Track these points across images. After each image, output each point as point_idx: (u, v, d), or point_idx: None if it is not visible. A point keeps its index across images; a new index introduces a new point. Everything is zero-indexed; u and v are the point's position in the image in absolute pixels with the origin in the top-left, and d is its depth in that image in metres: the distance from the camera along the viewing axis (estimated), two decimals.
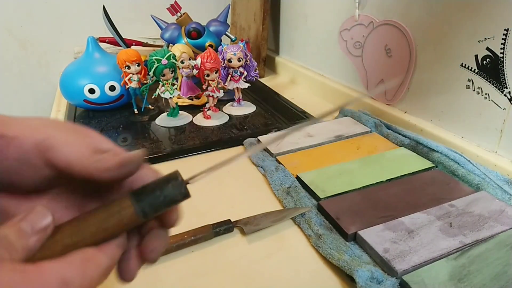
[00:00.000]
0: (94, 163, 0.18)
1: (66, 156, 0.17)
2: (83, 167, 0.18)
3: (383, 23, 0.60)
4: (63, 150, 0.17)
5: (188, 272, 0.35)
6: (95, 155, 0.18)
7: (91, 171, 0.18)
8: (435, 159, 0.48)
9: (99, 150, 0.18)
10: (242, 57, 0.65)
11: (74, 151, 0.18)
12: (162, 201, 0.18)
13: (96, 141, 0.19)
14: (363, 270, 0.32)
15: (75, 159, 0.17)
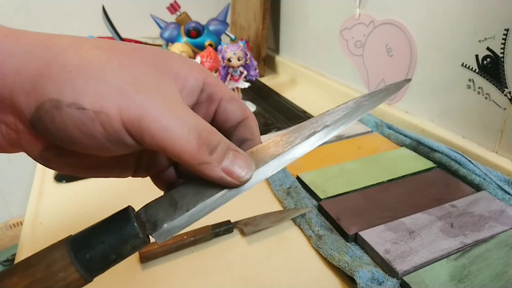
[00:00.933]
0: (199, 166, 0.16)
1: (167, 145, 0.15)
2: (185, 162, 0.15)
3: (384, 22, 0.60)
4: (163, 137, 0.15)
5: (187, 273, 0.35)
6: (203, 152, 0.15)
7: (192, 168, 0.16)
8: (436, 159, 0.48)
9: (207, 142, 0.16)
10: (242, 57, 0.64)
11: (177, 141, 0.15)
12: (114, 260, 0.16)
13: (201, 122, 0.16)
14: (364, 271, 0.32)
15: (178, 152, 0.15)
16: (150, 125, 0.14)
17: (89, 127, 0.14)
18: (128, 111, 0.14)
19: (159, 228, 0.16)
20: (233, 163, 0.16)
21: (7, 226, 1.19)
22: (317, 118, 0.20)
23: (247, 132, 0.20)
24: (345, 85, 0.73)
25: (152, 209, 0.17)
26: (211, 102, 0.19)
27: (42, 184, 0.51)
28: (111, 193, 0.48)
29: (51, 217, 0.44)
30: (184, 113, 0.16)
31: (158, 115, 0.15)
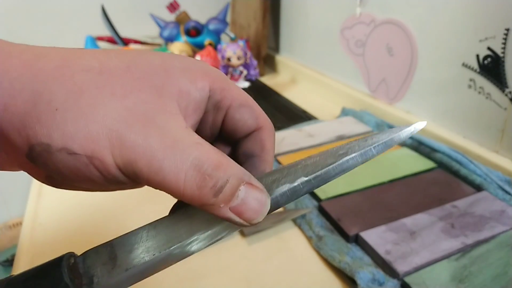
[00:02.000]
0: (203, 207, 0.14)
1: (164, 188, 0.14)
2: (187, 200, 0.14)
3: (385, 21, 0.60)
4: (158, 180, 0.13)
5: (187, 274, 0.35)
6: (205, 195, 0.14)
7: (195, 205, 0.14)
8: (437, 159, 0.48)
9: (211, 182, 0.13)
10: (241, 56, 0.64)
11: (173, 184, 0.13)
12: None
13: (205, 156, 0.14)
14: (365, 272, 0.32)
15: (177, 195, 0.14)
16: (142, 169, 0.13)
17: (84, 171, 0.13)
18: (120, 155, 0.13)
19: (95, 285, 0.14)
20: (245, 202, 0.14)
21: (6, 226, 1.19)
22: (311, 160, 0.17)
23: (256, 146, 0.17)
24: (345, 84, 0.73)
25: (90, 259, 0.15)
26: (218, 111, 0.17)
27: (42, 184, 0.51)
28: (110, 193, 0.48)
29: (50, 217, 0.44)
30: (182, 148, 0.13)
31: (150, 156, 0.13)
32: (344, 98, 0.71)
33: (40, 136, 0.13)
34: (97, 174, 0.13)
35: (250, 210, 0.14)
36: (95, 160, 0.13)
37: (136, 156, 0.13)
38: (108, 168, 0.13)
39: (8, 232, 1.18)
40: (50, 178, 0.15)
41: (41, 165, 0.13)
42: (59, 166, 0.13)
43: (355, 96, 0.69)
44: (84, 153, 0.13)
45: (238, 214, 0.14)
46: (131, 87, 0.14)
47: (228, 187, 0.14)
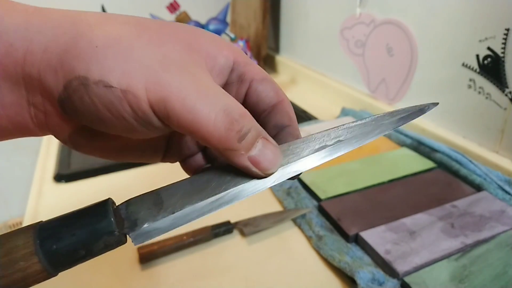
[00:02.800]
0: (226, 152, 0.15)
1: (193, 128, 0.14)
2: (212, 146, 0.14)
3: (385, 21, 0.60)
4: (189, 119, 0.14)
5: (187, 274, 0.35)
6: (231, 138, 0.14)
7: (218, 152, 0.15)
8: (437, 159, 0.48)
9: (237, 127, 0.14)
10: None
11: (204, 124, 0.14)
12: (83, 257, 0.14)
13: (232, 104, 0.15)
14: (364, 272, 0.32)
15: (204, 135, 0.14)
16: (175, 106, 0.14)
17: (117, 106, 0.14)
18: (155, 91, 0.14)
19: (138, 228, 0.14)
20: (262, 153, 0.15)
21: (6, 226, 1.19)
22: (330, 131, 0.18)
23: (285, 118, 0.18)
24: (345, 84, 0.73)
25: (134, 206, 0.15)
26: (241, 83, 0.18)
27: (42, 184, 0.51)
28: (110, 193, 0.48)
29: (50, 217, 0.44)
30: (213, 93, 0.14)
31: (185, 95, 0.14)
32: (344, 98, 0.71)
33: (78, 70, 0.13)
34: (129, 110, 0.14)
35: (266, 160, 0.15)
36: (129, 95, 0.14)
37: (171, 94, 0.14)
38: (141, 104, 0.14)
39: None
40: (75, 134, 0.16)
41: (75, 103, 0.14)
42: (94, 100, 0.14)
43: (355, 96, 0.69)
44: (120, 87, 0.13)
45: (255, 164, 0.15)
46: (166, 39, 0.15)
47: (250, 136, 0.15)
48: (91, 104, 0.14)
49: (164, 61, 0.14)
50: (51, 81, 0.14)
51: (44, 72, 0.14)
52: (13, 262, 0.13)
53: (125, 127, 0.15)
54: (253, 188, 0.16)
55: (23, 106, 0.15)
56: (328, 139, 0.17)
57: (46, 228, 0.14)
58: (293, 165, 0.17)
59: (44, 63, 0.14)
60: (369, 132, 0.18)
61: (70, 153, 0.57)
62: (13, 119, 0.15)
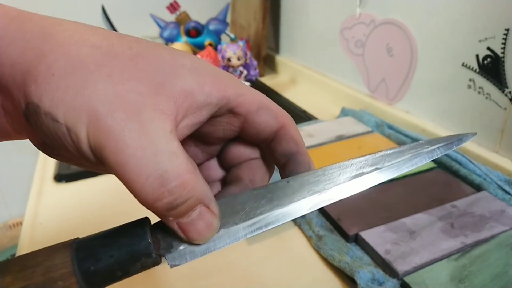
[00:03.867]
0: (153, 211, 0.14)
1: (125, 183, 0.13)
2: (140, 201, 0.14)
3: (384, 21, 0.60)
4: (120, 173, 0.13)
5: (187, 274, 0.35)
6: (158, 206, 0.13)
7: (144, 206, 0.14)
8: (437, 159, 0.48)
9: (171, 198, 0.13)
10: (241, 56, 0.64)
11: (132, 183, 0.13)
12: (120, 277, 0.14)
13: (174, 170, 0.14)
14: (364, 272, 0.32)
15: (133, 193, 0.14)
16: (109, 157, 0.13)
17: (63, 140, 0.14)
18: (93, 136, 0.13)
19: (174, 249, 0.14)
20: (193, 222, 0.14)
21: (6, 226, 1.19)
22: (367, 158, 0.17)
23: (290, 144, 0.17)
24: (345, 84, 0.73)
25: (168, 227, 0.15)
26: (234, 116, 0.17)
27: (42, 184, 0.51)
28: (110, 193, 0.48)
29: (50, 217, 0.44)
30: (155, 153, 0.13)
31: (121, 146, 0.13)
32: (344, 98, 0.71)
33: (33, 96, 0.13)
34: (72, 146, 0.14)
35: (195, 231, 0.14)
36: (72, 133, 0.13)
37: (107, 142, 0.13)
38: (81, 144, 0.13)
39: (8, 232, 1.18)
40: (43, 143, 0.16)
41: (33, 124, 0.14)
42: (44, 129, 0.14)
43: (355, 96, 0.69)
44: (65, 123, 0.13)
45: (183, 231, 0.14)
46: (130, 75, 0.14)
47: (184, 206, 0.14)
48: (42, 130, 0.14)
49: (114, 103, 0.13)
50: (16, 96, 0.14)
51: (11, 86, 0.14)
52: (52, 282, 0.13)
53: (73, 158, 0.15)
54: (289, 214, 0.15)
55: (1, 112, 0.15)
56: (366, 166, 0.17)
57: (84, 248, 0.14)
58: (328, 192, 0.16)
59: (11, 78, 0.14)
60: (407, 161, 0.17)
61: None
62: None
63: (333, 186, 0.16)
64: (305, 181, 0.16)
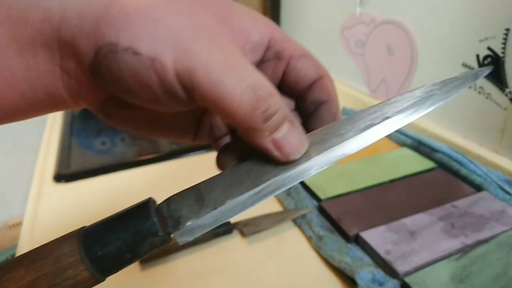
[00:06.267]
0: (248, 131, 0.14)
1: (217, 103, 0.13)
2: (235, 124, 0.14)
3: (385, 21, 0.60)
4: (213, 93, 0.13)
5: (187, 274, 0.35)
6: (256, 117, 0.14)
7: (241, 131, 0.14)
8: (437, 159, 0.48)
9: (264, 106, 0.14)
10: None
11: (228, 99, 0.13)
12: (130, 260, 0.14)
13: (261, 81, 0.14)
14: (365, 272, 0.32)
15: (228, 111, 0.14)
16: (201, 79, 0.13)
17: (144, 75, 0.13)
18: (182, 61, 0.13)
19: (182, 226, 0.14)
20: (286, 137, 0.15)
21: (6, 226, 1.19)
22: (375, 108, 0.16)
23: (323, 93, 0.18)
24: (345, 84, 0.73)
25: (175, 203, 0.15)
26: (279, 61, 0.17)
27: (42, 184, 0.51)
28: (110, 193, 0.48)
29: (50, 217, 0.44)
30: (242, 69, 0.14)
31: (212, 68, 0.13)
32: (344, 98, 0.71)
33: (109, 36, 0.13)
34: (155, 80, 0.14)
35: (290, 145, 0.15)
36: (157, 63, 0.13)
37: (197, 65, 0.13)
38: (167, 74, 0.13)
39: (8, 232, 1.18)
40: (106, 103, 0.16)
41: (104, 70, 0.14)
42: (122, 68, 0.13)
43: (355, 96, 0.69)
44: (148, 54, 0.13)
45: (278, 148, 0.15)
46: (198, 10, 0.15)
47: (276, 117, 0.14)
48: (118, 72, 0.14)
49: (194, 31, 0.14)
50: (83, 47, 0.14)
51: (77, 37, 0.14)
52: (62, 271, 0.13)
53: (151, 98, 0.14)
54: (296, 177, 0.15)
55: (57, 75, 0.15)
56: (375, 117, 0.16)
57: (90, 234, 0.14)
58: (337, 149, 0.15)
59: (77, 29, 0.14)
60: (420, 104, 0.16)
61: (70, 153, 0.57)
62: (49, 89, 0.15)
63: (341, 142, 0.15)
64: (311, 141, 0.16)
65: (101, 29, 0.13)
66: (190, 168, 0.53)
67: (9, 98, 0.15)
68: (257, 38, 0.16)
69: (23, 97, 0.15)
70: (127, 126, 0.18)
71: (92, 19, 0.14)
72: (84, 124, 0.67)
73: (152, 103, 0.15)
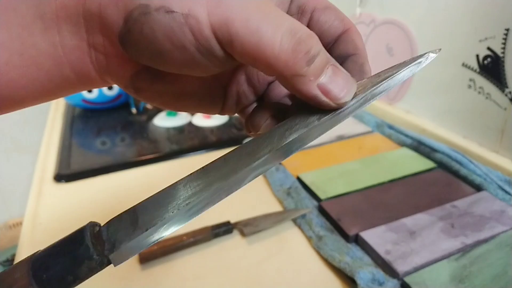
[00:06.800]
0: (293, 79, 0.14)
1: (257, 52, 0.13)
2: (278, 73, 0.14)
3: (385, 21, 0.60)
4: (253, 42, 0.13)
5: (187, 274, 0.35)
6: (299, 60, 0.13)
7: (284, 81, 0.14)
8: (437, 159, 0.48)
9: (305, 48, 0.13)
10: None
11: (269, 46, 0.13)
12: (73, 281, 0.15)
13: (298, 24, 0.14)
14: (365, 272, 0.32)
15: (270, 60, 0.13)
16: (238, 29, 0.13)
17: (179, 34, 0.13)
18: (217, 14, 0.13)
19: (116, 249, 0.15)
20: (332, 80, 0.14)
21: (6, 226, 1.19)
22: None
23: (350, 46, 0.17)
24: None
25: (113, 227, 0.15)
26: (302, 14, 0.17)
27: (42, 184, 0.51)
28: (110, 193, 0.48)
29: (50, 217, 0.44)
30: (277, 15, 0.13)
31: (248, 16, 0.13)
32: None
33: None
34: (190, 38, 0.13)
35: (337, 87, 0.14)
36: (191, 19, 0.13)
37: (234, 15, 0.13)
38: (203, 29, 0.13)
39: (8, 232, 1.18)
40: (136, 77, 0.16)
41: (135, 36, 0.13)
42: (155, 29, 0.13)
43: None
44: (181, 11, 0.13)
45: (325, 93, 0.14)
46: None
47: (319, 59, 0.14)
48: (151, 34, 0.13)
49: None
50: (112, 15, 0.14)
51: (105, 6, 0.14)
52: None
53: (186, 59, 0.14)
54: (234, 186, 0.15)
55: (84, 50, 0.15)
56: None
57: (38, 259, 0.15)
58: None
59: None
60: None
61: (70, 153, 0.57)
62: (76, 66, 0.15)
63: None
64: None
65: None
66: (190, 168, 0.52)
67: (36, 78, 0.15)
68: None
69: (50, 75, 0.15)
70: (157, 100, 0.18)
71: None
72: (84, 124, 0.67)
73: (187, 67, 0.15)
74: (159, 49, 0.14)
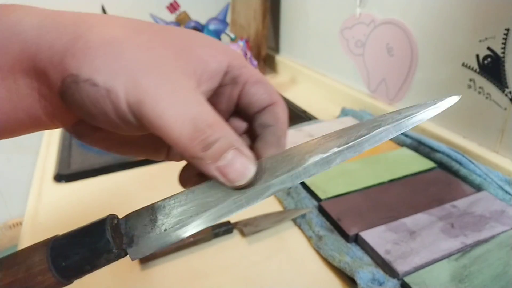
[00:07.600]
0: (192, 160, 0.15)
1: (162, 133, 0.15)
2: (179, 153, 0.15)
3: (385, 21, 0.60)
4: (158, 124, 0.15)
5: (187, 274, 0.35)
6: (195, 146, 0.15)
7: (184, 156, 0.15)
8: (437, 159, 0.48)
9: (203, 136, 0.15)
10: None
11: (170, 130, 0.15)
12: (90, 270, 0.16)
13: (204, 114, 0.15)
14: (364, 272, 0.32)
15: (171, 141, 0.15)
16: (147, 110, 0.15)
17: (101, 104, 0.15)
18: (132, 94, 0.15)
19: (134, 244, 0.15)
20: (230, 164, 0.15)
21: (6, 226, 1.19)
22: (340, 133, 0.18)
23: (272, 118, 0.19)
24: (345, 84, 0.73)
25: (132, 221, 0.16)
26: (235, 85, 0.19)
27: (42, 184, 0.51)
28: (110, 193, 0.48)
29: (50, 217, 0.44)
30: (186, 101, 0.15)
31: (158, 100, 0.15)
32: (344, 98, 0.71)
33: (72, 68, 0.15)
34: (111, 108, 0.15)
35: (234, 171, 0.15)
36: (111, 94, 0.15)
37: (145, 98, 0.15)
38: (120, 103, 0.15)
39: (8, 232, 1.18)
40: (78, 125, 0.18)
41: (69, 98, 0.15)
42: (83, 96, 0.15)
43: (355, 96, 0.69)
44: (104, 86, 0.15)
45: (223, 174, 0.15)
46: (157, 44, 0.16)
47: (217, 145, 0.15)
48: (80, 100, 0.15)
49: (147, 65, 0.15)
50: (52, 76, 0.15)
51: (48, 67, 0.15)
52: (33, 277, 0.15)
53: (110, 122, 0.16)
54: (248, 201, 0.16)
55: (35, 98, 0.17)
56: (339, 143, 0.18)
57: (56, 247, 0.16)
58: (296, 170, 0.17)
59: (48, 60, 0.15)
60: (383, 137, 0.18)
61: (70, 153, 0.57)
62: (28, 111, 0.17)
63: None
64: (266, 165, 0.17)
65: (66, 61, 0.15)
66: None
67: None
68: (215, 66, 0.17)
69: (7, 117, 0.17)
70: (100, 145, 0.19)
71: (61, 51, 0.15)
72: None
73: (112, 127, 0.16)
74: (88, 111, 0.16)
